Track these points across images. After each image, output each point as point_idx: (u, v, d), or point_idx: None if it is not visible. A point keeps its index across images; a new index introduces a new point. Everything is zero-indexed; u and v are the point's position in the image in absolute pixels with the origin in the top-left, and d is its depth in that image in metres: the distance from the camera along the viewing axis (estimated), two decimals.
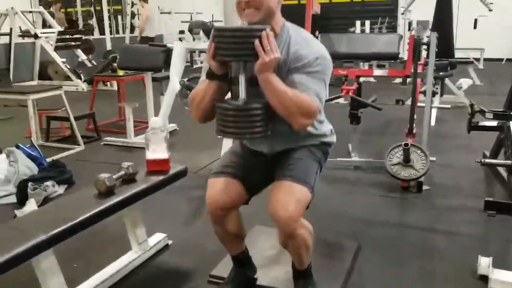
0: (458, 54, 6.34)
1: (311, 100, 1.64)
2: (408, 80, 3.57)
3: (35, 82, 8.46)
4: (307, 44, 1.72)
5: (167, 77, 4.13)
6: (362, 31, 8.73)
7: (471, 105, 3.22)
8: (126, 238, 2.36)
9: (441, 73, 5.44)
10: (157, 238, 2.48)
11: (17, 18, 8.05)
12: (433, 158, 3.87)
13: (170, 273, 2.29)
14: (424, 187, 3.29)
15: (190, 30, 3.65)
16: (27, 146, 3.58)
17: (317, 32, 10.16)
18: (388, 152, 3.33)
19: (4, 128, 5.31)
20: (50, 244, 1.73)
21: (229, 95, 1.83)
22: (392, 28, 11.06)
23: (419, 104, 4.03)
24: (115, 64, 4.86)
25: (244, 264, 2.09)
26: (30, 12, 8.70)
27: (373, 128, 4.83)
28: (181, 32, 11.77)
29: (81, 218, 1.86)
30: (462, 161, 3.92)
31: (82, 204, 2.02)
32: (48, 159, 3.75)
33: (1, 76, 7.88)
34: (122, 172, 2.22)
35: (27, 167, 3.40)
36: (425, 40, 3.35)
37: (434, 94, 3.61)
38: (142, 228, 2.36)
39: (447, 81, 5.93)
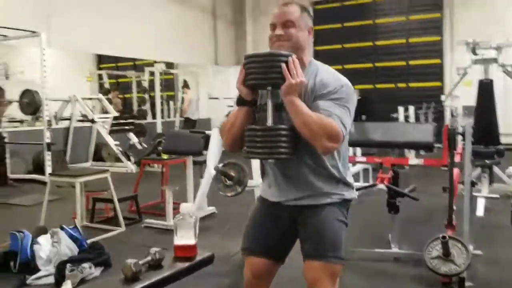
0: (505, 140, 6.22)
1: (335, 124, 1.69)
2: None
3: (89, 164, 8.95)
4: (332, 74, 1.83)
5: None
6: (406, 117, 8.75)
7: None
8: None
9: (487, 161, 5.30)
10: None
11: (77, 104, 8.71)
12: (479, 252, 3.70)
13: None
14: (467, 284, 3.11)
15: (227, 116, 3.82)
16: (70, 227, 3.73)
17: (363, 116, 10.38)
18: (427, 245, 3.21)
19: (54, 208, 5.56)
20: None
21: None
22: (439, 113, 11.01)
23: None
24: (160, 148, 5.10)
25: None
26: (90, 99, 9.41)
27: (416, 217, 4.69)
28: (227, 115, 12.33)
29: None
30: (510, 255, 3.70)
31: None
32: (90, 240, 3.87)
33: (58, 157, 8.45)
34: (149, 258, 2.26)
35: (68, 248, 3.50)
36: (460, 130, 3.33)
37: (473, 184, 3.51)
38: None
39: (496, 169, 5.75)
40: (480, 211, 5.05)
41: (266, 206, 1.97)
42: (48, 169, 6.80)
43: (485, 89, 5.30)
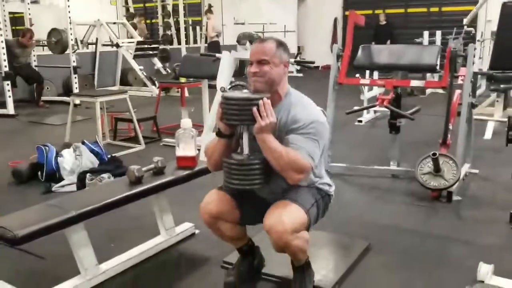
0: None
1: (302, 158, 1.86)
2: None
3: (116, 87, 9.26)
4: (304, 109, 1.98)
5: None
6: (431, 42, 8.54)
7: (509, 118, 3.18)
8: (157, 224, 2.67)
9: (502, 86, 5.27)
10: (185, 227, 2.76)
11: (102, 29, 8.88)
12: (476, 171, 3.86)
13: (190, 257, 2.57)
14: (456, 198, 3.30)
15: (238, 41, 3.93)
16: (91, 142, 4.06)
17: (388, 42, 10.19)
18: (420, 162, 3.38)
19: (82, 127, 5.92)
20: (80, 219, 2.08)
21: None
22: (471, 39, 10.62)
23: (476, 116, 4.00)
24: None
25: (249, 254, 2.29)
26: (114, 23, 9.53)
27: (421, 139, 4.81)
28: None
29: (108, 200, 2.20)
30: (506, 175, 3.82)
31: (113, 190, 2.36)
32: (115, 155, 4.21)
33: (87, 81, 8.78)
34: (152, 166, 2.55)
35: (89, 161, 3.85)
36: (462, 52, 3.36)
37: (473, 106, 3.57)
38: (169, 216, 2.65)
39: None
40: (488, 134, 5.12)
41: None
42: (75, 91, 7.14)
43: (507, 13, 5.12)
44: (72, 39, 7.43)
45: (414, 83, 3.66)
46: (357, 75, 5.00)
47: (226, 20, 12.59)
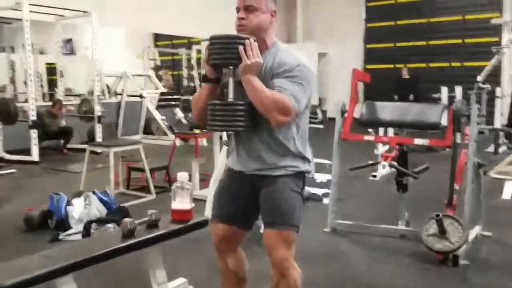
0: None
1: (287, 99, 1.83)
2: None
3: (139, 136, 9.51)
4: (291, 54, 1.95)
5: None
6: (451, 97, 8.53)
7: None
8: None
9: None
10: (178, 282, 2.75)
11: (128, 80, 9.25)
12: (489, 233, 3.74)
13: None
14: (463, 262, 3.19)
15: None
16: (101, 192, 4.15)
17: (411, 96, 10.21)
18: (426, 223, 3.31)
19: (100, 175, 6.05)
20: (69, 270, 2.10)
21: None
22: (493, 95, 10.51)
23: (494, 175, 3.92)
24: None
25: None
26: (140, 75, 9.92)
27: (432, 197, 4.70)
28: None
29: (98, 252, 2.23)
30: None
31: (105, 242, 2.39)
32: (124, 204, 4.29)
33: (110, 129, 9.05)
34: (146, 218, 2.58)
35: (98, 210, 3.93)
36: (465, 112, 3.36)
37: (480, 165, 3.51)
38: (162, 271, 2.64)
39: None
40: (507, 194, 4.98)
41: (231, 175, 2.16)
42: (99, 140, 7.37)
43: None
44: (97, 90, 7.73)
45: (418, 141, 3.65)
46: (370, 130, 5.02)
47: None
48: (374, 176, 5.95)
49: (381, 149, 6.29)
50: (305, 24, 14.23)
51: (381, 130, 5.99)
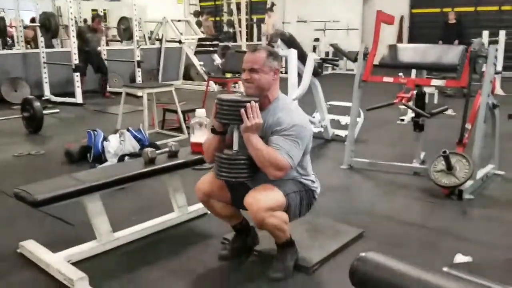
0: None
1: (281, 157, 2.10)
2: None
3: (179, 82, 9.82)
4: (288, 114, 2.21)
5: None
6: (493, 42, 8.20)
7: None
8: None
9: None
10: (197, 207, 3.05)
11: (168, 26, 9.46)
12: (501, 172, 3.81)
13: (197, 233, 2.85)
14: (468, 196, 3.32)
15: (270, 39, 4.16)
16: (135, 129, 4.49)
17: (456, 41, 9.87)
18: (435, 159, 3.44)
19: (138, 116, 6.45)
20: (95, 189, 2.43)
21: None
22: None
23: None
24: None
25: (242, 232, 2.54)
26: (179, 21, 10.09)
27: (452, 137, 4.76)
28: (316, 39, 12.38)
29: (119, 176, 2.55)
30: None
31: (128, 168, 2.71)
32: (157, 142, 4.62)
33: (152, 75, 9.39)
34: (167, 149, 2.87)
35: (131, 146, 4.27)
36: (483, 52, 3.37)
37: (495, 106, 3.54)
38: (182, 195, 2.96)
39: None
40: None
41: None
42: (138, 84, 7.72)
43: None
44: (137, 35, 8.02)
45: (435, 82, 3.70)
46: (400, 74, 5.04)
47: (290, 18, 12.80)
48: (402, 120, 6.00)
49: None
50: None
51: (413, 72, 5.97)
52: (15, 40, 10.11)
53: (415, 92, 3.73)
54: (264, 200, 2.14)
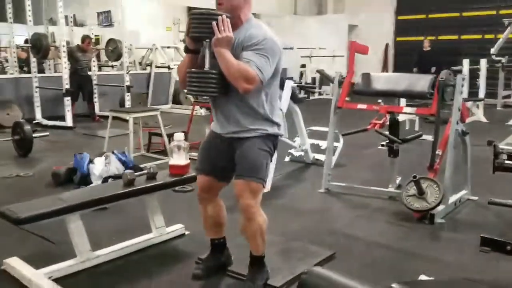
0: None
1: (251, 70, 2.12)
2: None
3: (168, 106, 9.98)
4: (260, 28, 2.25)
5: None
6: (473, 70, 8.49)
7: (494, 145, 3.31)
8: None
9: None
10: (175, 227, 3.16)
11: (158, 52, 9.69)
12: (475, 197, 3.95)
13: (172, 253, 2.95)
14: (439, 220, 3.45)
15: None
16: (120, 152, 4.61)
17: (433, 69, 10.12)
18: (407, 184, 3.58)
19: (124, 140, 6.54)
20: (75, 209, 2.54)
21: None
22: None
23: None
24: None
25: (218, 250, 2.65)
26: (168, 47, 10.32)
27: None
28: (303, 66, 12.56)
29: (100, 196, 2.66)
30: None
31: (108, 189, 2.82)
32: (142, 165, 4.73)
33: (142, 99, 9.53)
34: (145, 171, 2.99)
35: (116, 168, 4.38)
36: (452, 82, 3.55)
37: (464, 133, 3.71)
38: (160, 216, 3.06)
39: None
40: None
41: (213, 136, 2.50)
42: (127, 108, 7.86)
43: None
44: (127, 61, 8.21)
45: (407, 109, 3.87)
46: (379, 101, 5.22)
47: None
48: (383, 145, 6.15)
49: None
50: None
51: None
52: (9, 63, 10.23)
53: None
54: (250, 196, 2.28)
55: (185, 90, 2.40)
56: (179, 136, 3.09)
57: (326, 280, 1.39)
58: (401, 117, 6.75)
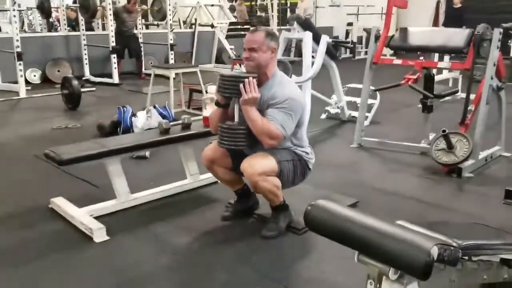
0: None
1: (274, 127, 2.36)
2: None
3: (212, 65, 10.12)
4: (283, 88, 2.46)
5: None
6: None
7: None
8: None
9: None
10: (209, 175, 3.32)
11: (202, 10, 9.78)
12: (508, 154, 3.92)
13: (204, 198, 3.15)
14: (467, 174, 3.47)
15: (287, 22, 4.37)
16: (161, 106, 4.83)
17: (464, 27, 9.58)
18: (437, 138, 3.60)
19: (166, 96, 6.78)
20: (114, 153, 2.77)
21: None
22: None
23: None
24: None
25: (244, 196, 2.83)
26: (212, 5, 10.36)
27: None
28: (349, 24, 12.29)
29: (138, 143, 2.87)
30: None
31: (145, 137, 3.04)
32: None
33: (186, 58, 9.73)
34: (180, 121, 3.18)
35: (157, 121, 4.61)
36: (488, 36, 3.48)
37: (499, 89, 3.64)
38: (194, 163, 3.26)
39: None
40: None
41: None
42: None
43: None
44: (171, 19, 8.37)
45: (441, 64, 3.82)
46: (421, 58, 5.13)
47: (323, 2, 12.86)
48: None
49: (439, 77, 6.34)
50: None
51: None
52: (60, 23, 10.65)
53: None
54: (257, 165, 2.41)
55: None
56: (212, 89, 3.26)
57: (327, 212, 1.52)
58: (444, 75, 6.65)
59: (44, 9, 8.54)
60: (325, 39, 4.42)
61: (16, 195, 3.23)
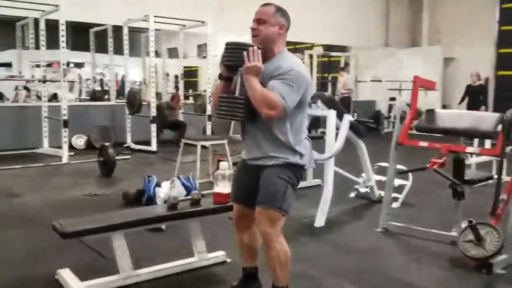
0: None
1: (274, 97, 2.21)
2: None
3: None
4: (289, 61, 2.34)
5: None
6: None
7: None
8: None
9: None
10: (217, 254, 3.24)
11: None
12: None
13: (209, 279, 3.03)
14: (499, 271, 3.16)
15: (311, 99, 4.37)
16: (184, 177, 4.85)
17: (483, 108, 9.18)
18: (465, 229, 3.34)
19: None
20: (118, 227, 2.74)
21: None
22: None
23: None
24: None
25: (250, 279, 2.69)
26: None
27: None
28: (392, 99, 12.24)
29: (143, 217, 2.84)
30: None
31: (153, 211, 3.01)
32: (205, 192, 4.91)
33: (223, 128, 9.91)
34: (190, 197, 3.14)
35: (179, 192, 4.62)
36: None
37: None
38: (201, 241, 3.16)
39: None
40: None
41: (242, 164, 2.59)
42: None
43: None
44: (209, 91, 8.66)
45: (470, 149, 3.63)
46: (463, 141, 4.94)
47: (364, 76, 12.97)
48: None
49: (471, 160, 6.07)
50: (431, 26, 13.68)
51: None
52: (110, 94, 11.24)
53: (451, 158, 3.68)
54: (267, 224, 2.35)
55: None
56: (224, 165, 3.21)
57: None
58: (483, 157, 6.33)
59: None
60: (347, 119, 4.36)
61: (26, 264, 3.24)
